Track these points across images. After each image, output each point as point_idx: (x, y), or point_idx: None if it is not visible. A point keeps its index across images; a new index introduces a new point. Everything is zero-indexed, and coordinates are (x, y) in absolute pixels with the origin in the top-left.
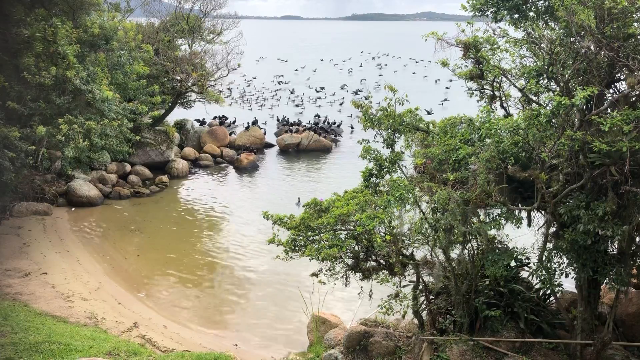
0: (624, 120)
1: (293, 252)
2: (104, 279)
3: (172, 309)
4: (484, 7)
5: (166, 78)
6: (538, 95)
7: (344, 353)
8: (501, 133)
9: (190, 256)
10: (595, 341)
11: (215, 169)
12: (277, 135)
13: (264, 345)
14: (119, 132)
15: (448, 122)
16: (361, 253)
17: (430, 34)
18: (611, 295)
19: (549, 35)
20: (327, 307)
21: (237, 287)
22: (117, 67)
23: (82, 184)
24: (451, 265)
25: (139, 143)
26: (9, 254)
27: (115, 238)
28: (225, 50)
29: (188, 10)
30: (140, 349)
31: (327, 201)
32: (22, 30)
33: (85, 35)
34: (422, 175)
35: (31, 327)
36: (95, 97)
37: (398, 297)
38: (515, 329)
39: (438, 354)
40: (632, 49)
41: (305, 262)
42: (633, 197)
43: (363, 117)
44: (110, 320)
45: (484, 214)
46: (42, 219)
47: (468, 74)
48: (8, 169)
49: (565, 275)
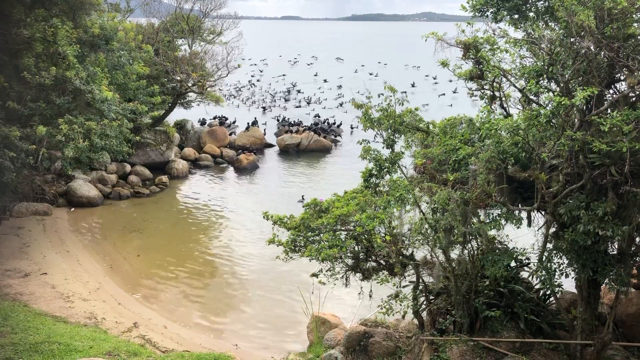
0: (624, 120)
1: (293, 252)
2: (104, 279)
3: (172, 309)
4: (483, 7)
5: (166, 78)
6: (538, 96)
7: (344, 353)
8: (501, 133)
9: (190, 256)
10: (595, 341)
11: (215, 169)
12: (277, 135)
13: (264, 345)
14: (118, 132)
15: (448, 123)
16: (361, 253)
17: (430, 34)
18: (611, 296)
19: (549, 35)
20: (327, 307)
21: (237, 287)
22: (117, 67)
23: (82, 184)
24: (451, 266)
25: (139, 143)
26: (9, 254)
27: (115, 238)
28: (226, 50)
29: (188, 11)
30: (140, 349)
31: (327, 201)
32: (22, 30)
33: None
34: (422, 176)
35: (31, 327)
36: (95, 97)
37: (398, 297)
38: (515, 329)
39: (438, 354)
40: (632, 49)
41: (305, 263)
42: (633, 197)
43: (363, 117)
44: (110, 320)
45: (484, 214)
46: (42, 219)
47: (468, 75)
48: (8, 168)
49: (565, 275)
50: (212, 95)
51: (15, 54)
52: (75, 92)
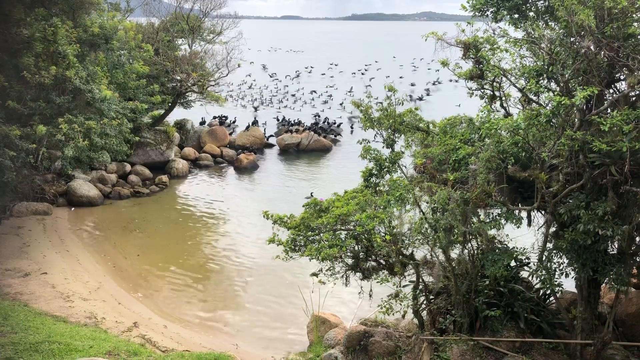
0: (624, 120)
1: (293, 252)
2: (104, 279)
3: (172, 308)
4: (484, 7)
5: (166, 78)
6: (538, 95)
7: (344, 353)
8: (501, 133)
9: (190, 256)
10: (595, 341)
11: (215, 169)
12: (277, 135)
13: (264, 345)
14: (118, 131)
15: (448, 122)
16: (361, 253)
17: (430, 33)
18: (611, 295)
19: (549, 35)
20: (327, 307)
21: (237, 287)
22: (117, 66)
23: (82, 183)
24: (451, 265)
25: (139, 143)
26: (9, 254)
27: (115, 238)
28: (225, 50)
29: (188, 10)
30: (140, 348)
31: (327, 201)
32: (22, 30)
33: (85, 35)
34: (422, 175)
35: (31, 327)
36: (94, 96)
37: (398, 297)
38: (515, 329)
39: (438, 354)
40: (632, 49)
41: (305, 262)
42: (633, 197)
43: (363, 117)
44: (110, 320)
45: (484, 214)
46: (42, 219)
47: (468, 74)
48: (9, 168)
49: (565, 275)
50: (212, 95)
51: (15, 53)
52: (75, 91)
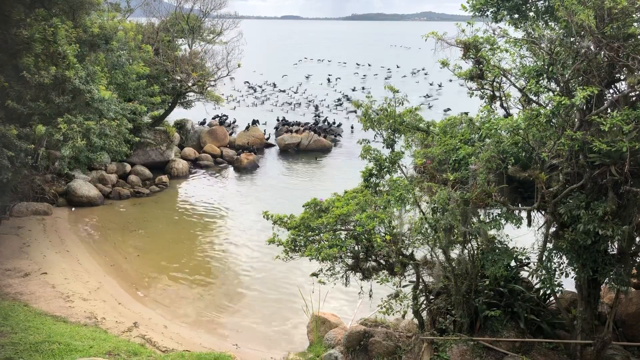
0: (624, 120)
1: (293, 252)
2: (104, 279)
3: (172, 309)
4: (484, 7)
5: (166, 78)
6: (538, 95)
7: (344, 353)
8: (501, 133)
9: (190, 256)
10: (595, 341)
11: (215, 169)
12: (277, 135)
13: (264, 345)
14: (117, 132)
15: (448, 122)
16: (361, 253)
17: (430, 33)
18: (611, 295)
19: (549, 35)
20: (327, 307)
21: (237, 287)
22: (117, 67)
23: (82, 184)
24: (451, 265)
25: (139, 143)
26: (9, 254)
27: (115, 238)
28: (226, 50)
29: (188, 10)
30: (140, 349)
31: (327, 201)
32: (21, 30)
33: (85, 35)
34: (422, 175)
35: (31, 327)
36: (94, 97)
37: (398, 297)
38: (515, 329)
39: (438, 354)
40: (632, 49)
41: (305, 262)
42: (633, 197)
43: (363, 117)
44: (110, 320)
45: (484, 214)
46: (42, 219)
47: (468, 74)
48: (6, 168)
49: (565, 275)
50: (212, 94)
51: (14, 53)
52: (75, 91)
